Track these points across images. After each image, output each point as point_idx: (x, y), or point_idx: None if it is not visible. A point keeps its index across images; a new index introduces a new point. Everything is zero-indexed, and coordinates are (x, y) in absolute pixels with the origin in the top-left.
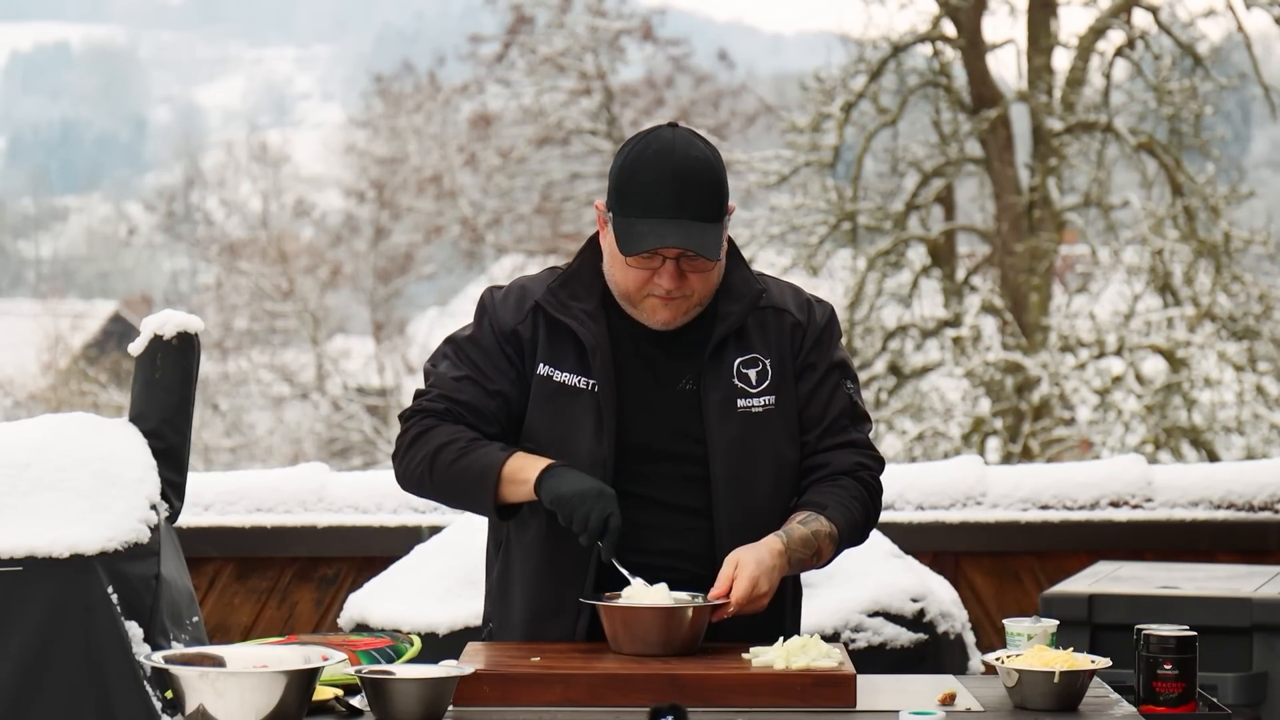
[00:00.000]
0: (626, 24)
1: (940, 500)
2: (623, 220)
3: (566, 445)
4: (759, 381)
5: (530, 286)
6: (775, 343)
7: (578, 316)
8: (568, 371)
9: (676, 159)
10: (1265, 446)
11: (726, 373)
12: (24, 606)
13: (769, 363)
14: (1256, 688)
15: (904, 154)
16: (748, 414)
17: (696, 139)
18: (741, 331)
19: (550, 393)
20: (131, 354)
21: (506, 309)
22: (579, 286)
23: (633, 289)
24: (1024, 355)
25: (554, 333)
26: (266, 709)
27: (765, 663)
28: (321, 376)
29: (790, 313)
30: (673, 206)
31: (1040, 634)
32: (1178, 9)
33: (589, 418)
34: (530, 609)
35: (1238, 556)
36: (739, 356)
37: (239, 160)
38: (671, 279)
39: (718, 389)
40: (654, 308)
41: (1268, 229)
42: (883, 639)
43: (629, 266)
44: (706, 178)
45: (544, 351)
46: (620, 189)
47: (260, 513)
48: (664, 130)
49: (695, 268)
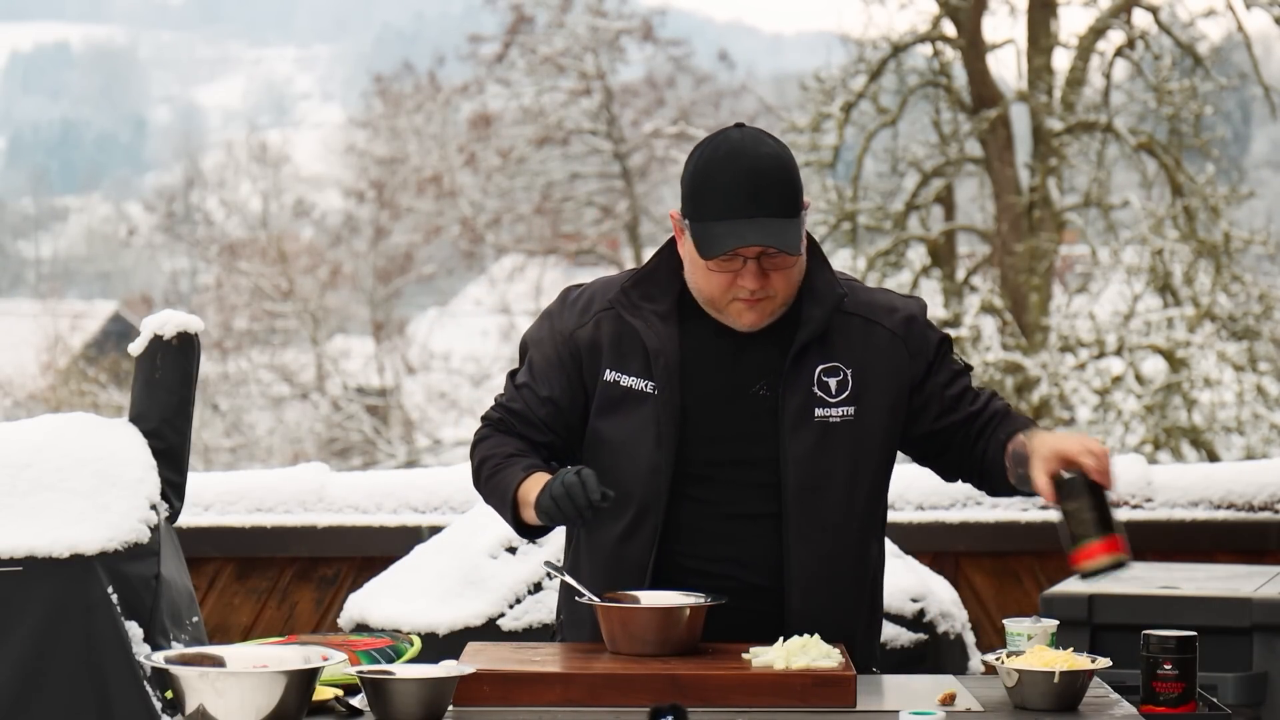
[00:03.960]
0: (626, 24)
1: (940, 500)
2: (700, 225)
3: (628, 451)
4: (839, 391)
5: (602, 291)
6: (860, 353)
7: (647, 318)
8: (633, 375)
9: (748, 158)
10: (1265, 446)
11: (806, 380)
12: (24, 606)
13: (850, 372)
14: (1256, 688)
15: (904, 154)
16: (825, 423)
17: (766, 136)
18: (824, 338)
19: (617, 397)
20: (131, 354)
21: (572, 313)
22: (653, 287)
23: (717, 294)
24: (1024, 355)
25: (622, 336)
26: (266, 709)
27: (765, 663)
28: (321, 376)
29: (883, 325)
30: (749, 205)
31: (1040, 634)
32: (1178, 9)
33: (651, 423)
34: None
35: (1238, 556)
36: (820, 364)
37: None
38: (755, 279)
39: (796, 396)
40: (739, 311)
41: (1268, 229)
42: (883, 639)
43: (711, 271)
44: (780, 174)
45: (610, 356)
46: (695, 194)
47: (260, 513)
48: (732, 131)
49: (777, 265)
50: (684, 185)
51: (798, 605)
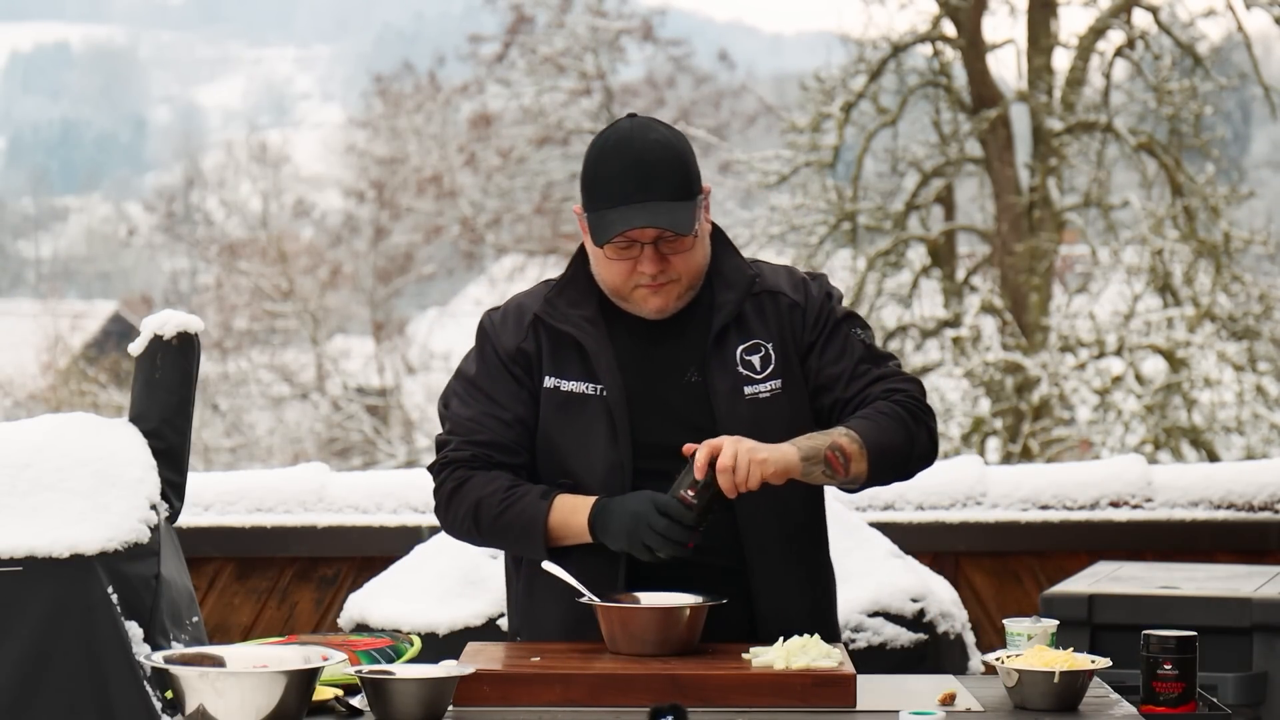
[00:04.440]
0: (626, 24)
1: (940, 500)
2: (594, 214)
3: (582, 452)
4: (763, 367)
5: (526, 302)
6: (775, 327)
7: (577, 323)
8: (574, 379)
9: (636, 145)
10: (1265, 446)
11: (730, 361)
12: (24, 606)
13: (771, 347)
14: (1256, 688)
15: (904, 154)
16: (756, 400)
17: (655, 124)
18: (741, 318)
19: (560, 403)
20: (131, 354)
21: (507, 330)
22: (575, 293)
23: (619, 281)
24: (1024, 355)
25: (556, 343)
26: (266, 709)
27: (765, 663)
28: (321, 376)
29: (785, 294)
30: (639, 191)
31: (1040, 634)
32: (1178, 9)
33: (601, 423)
34: (567, 619)
35: (1238, 556)
36: (741, 344)
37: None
38: (653, 263)
39: (724, 378)
40: (643, 297)
41: (1268, 229)
42: (883, 639)
43: (610, 260)
44: (668, 158)
45: (549, 363)
46: (588, 185)
47: (260, 513)
48: (622, 122)
49: (674, 249)
50: (580, 179)
51: (761, 582)
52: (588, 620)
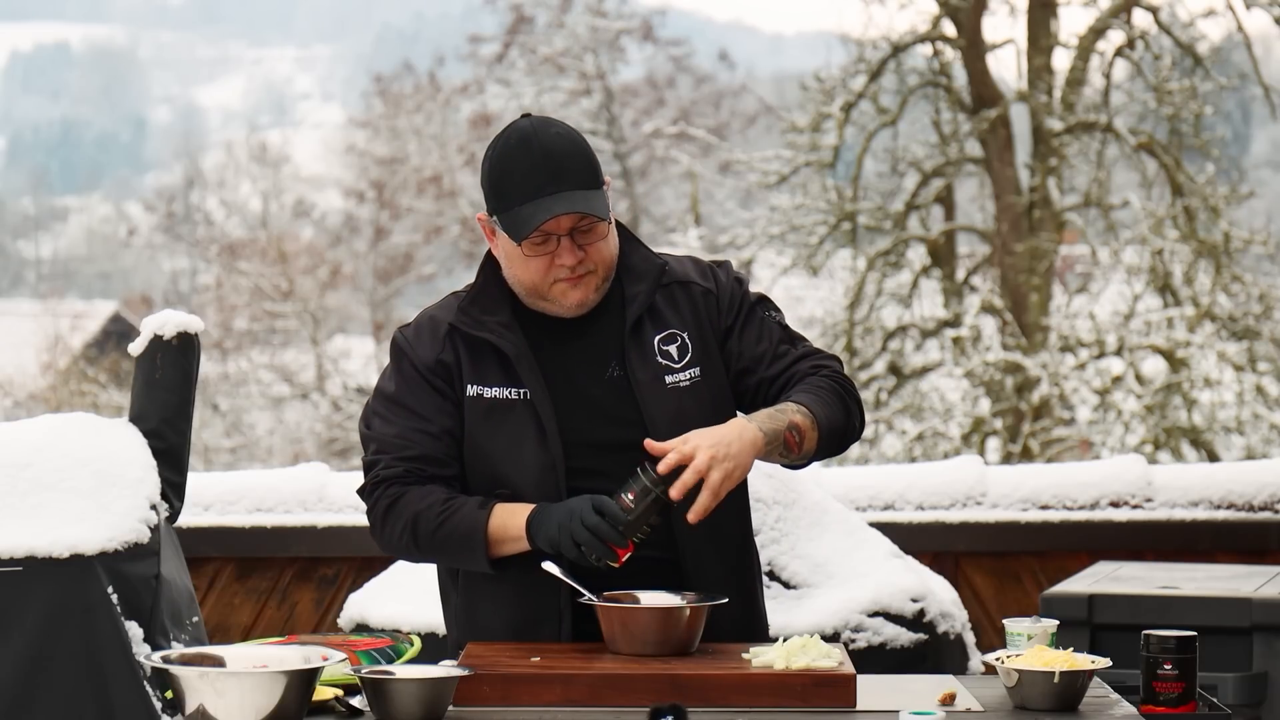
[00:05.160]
0: (626, 24)
1: (940, 500)
2: (508, 213)
3: (513, 458)
4: (680, 356)
5: (438, 314)
6: (690, 315)
7: (494, 329)
8: (497, 386)
9: (540, 140)
10: (1265, 446)
11: (649, 352)
12: (24, 606)
13: (686, 336)
14: (1256, 688)
15: (904, 154)
16: (677, 389)
17: (553, 121)
18: (654, 310)
19: (484, 410)
20: (131, 354)
21: (423, 343)
22: (488, 301)
23: (538, 279)
24: (1024, 355)
25: (474, 352)
26: (266, 709)
27: (765, 663)
28: (321, 376)
29: (696, 282)
30: (551, 183)
31: (1040, 634)
32: (1178, 9)
33: (529, 426)
34: (511, 627)
35: (1238, 556)
36: (657, 334)
37: (239, 160)
38: (571, 254)
39: (645, 370)
40: (563, 291)
41: (1268, 229)
42: (883, 639)
43: (528, 257)
44: (574, 150)
45: (469, 372)
46: (496, 185)
47: (260, 513)
48: (520, 122)
49: (589, 239)
50: (485, 182)
51: (693, 570)
52: (532, 626)
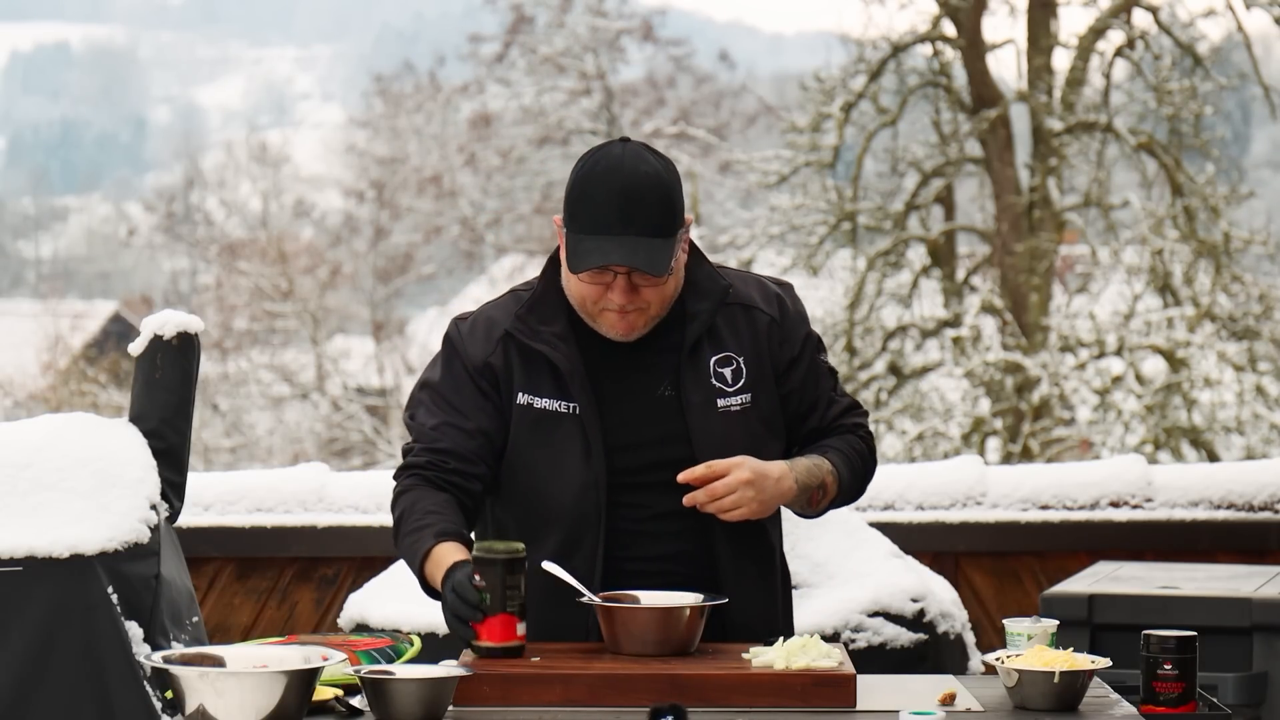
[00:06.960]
0: (626, 24)
1: (940, 500)
2: (573, 237)
3: (556, 471)
4: (734, 380)
5: (496, 316)
6: (749, 340)
7: (549, 341)
8: (547, 397)
9: (624, 175)
10: (1265, 446)
11: (704, 373)
12: (24, 606)
13: (743, 360)
14: (1256, 688)
15: (904, 154)
16: (727, 413)
17: (648, 153)
18: (713, 330)
19: (533, 420)
20: (131, 354)
21: (475, 342)
22: (545, 309)
23: (588, 303)
24: (1024, 355)
25: (528, 360)
26: (266, 709)
27: (765, 663)
28: (321, 376)
29: (760, 309)
30: (619, 223)
31: (1040, 634)
32: (1178, 9)
33: (576, 441)
34: (538, 631)
35: (1238, 556)
36: (714, 355)
37: (239, 160)
38: (624, 294)
39: (698, 391)
40: (610, 322)
41: (1268, 229)
42: (883, 639)
43: (582, 282)
44: (654, 194)
45: (520, 380)
46: (571, 206)
47: (260, 513)
48: (614, 146)
49: (648, 282)
50: (565, 194)
51: (732, 592)
52: (557, 633)
